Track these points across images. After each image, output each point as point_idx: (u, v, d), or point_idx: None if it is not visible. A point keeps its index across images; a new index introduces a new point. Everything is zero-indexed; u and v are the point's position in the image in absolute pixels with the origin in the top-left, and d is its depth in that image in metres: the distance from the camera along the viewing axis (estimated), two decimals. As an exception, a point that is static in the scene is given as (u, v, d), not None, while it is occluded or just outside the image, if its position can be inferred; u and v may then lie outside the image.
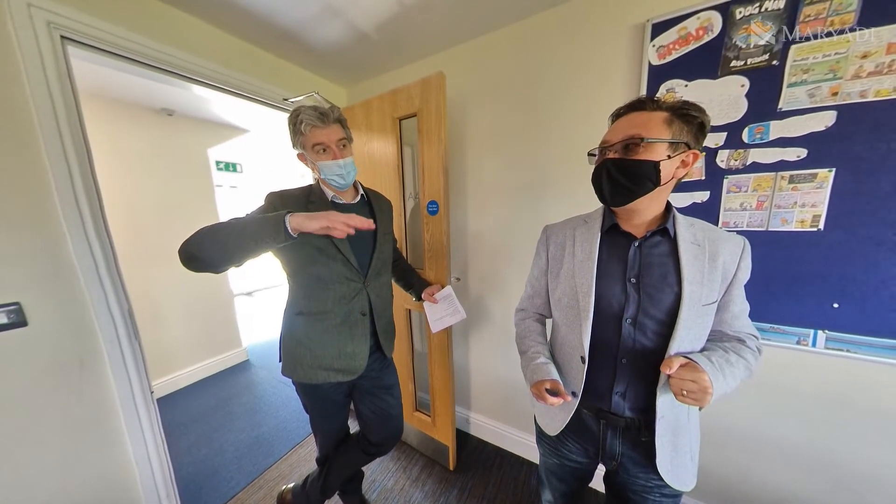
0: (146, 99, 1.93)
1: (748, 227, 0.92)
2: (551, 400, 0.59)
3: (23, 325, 0.84)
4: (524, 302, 0.81)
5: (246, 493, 1.38)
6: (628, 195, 0.56)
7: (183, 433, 1.77)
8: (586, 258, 0.64)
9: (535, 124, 1.23)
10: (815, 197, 0.84)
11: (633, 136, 0.53)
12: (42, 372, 0.88)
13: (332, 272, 0.86)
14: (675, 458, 0.60)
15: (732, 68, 0.88)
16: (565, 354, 0.68)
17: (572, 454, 0.72)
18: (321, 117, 0.80)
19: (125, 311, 1.02)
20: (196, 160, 2.31)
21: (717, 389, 0.50)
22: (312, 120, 0.79)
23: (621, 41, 1.03)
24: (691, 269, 0.56)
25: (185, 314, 2.25)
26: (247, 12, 1.11)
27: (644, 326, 0.59)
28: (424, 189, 1.29)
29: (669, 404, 0.58)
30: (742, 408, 1.01)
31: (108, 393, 0.99)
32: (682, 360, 0.53)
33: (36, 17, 0.82)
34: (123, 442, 1.03)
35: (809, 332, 0.89)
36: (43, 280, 0.87)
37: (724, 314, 0.60)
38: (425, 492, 1.36)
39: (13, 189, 0.82)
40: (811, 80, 0.80)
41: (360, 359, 0.91)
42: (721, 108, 0.91)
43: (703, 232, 0.60)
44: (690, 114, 0.53)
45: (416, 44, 1.34)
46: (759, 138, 0.88)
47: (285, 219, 0.63)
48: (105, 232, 0.97)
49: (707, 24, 0.89)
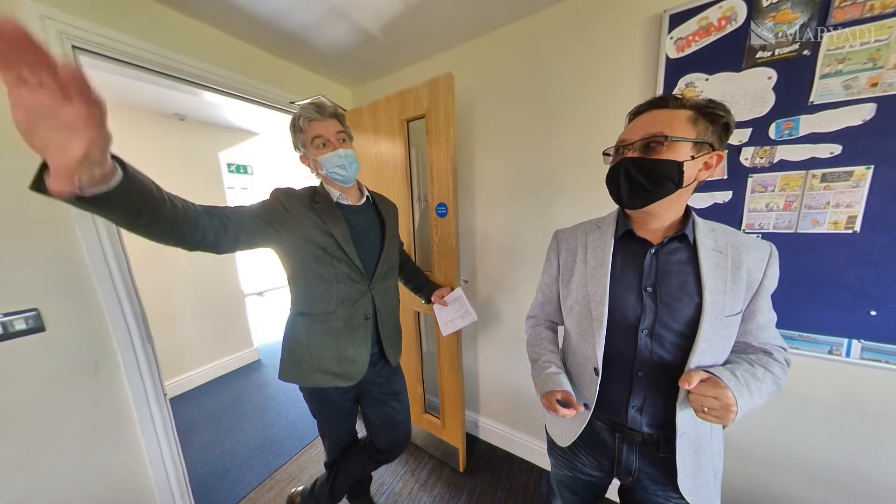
0: (158, 104, 1.97)
1: (775, 230, 0.86)
2: (563, 411, 0.57)
3: (41, 330, 0.86)
4: (535, 309, 0.79)
5: (257, 493, 1.40)
6: (647, 197, 0.53)
7: (196, 432, 1.82)
8: (599, 265, 0.61)
9: (544, 123, 1.19)
10: (850, 196, 0.78)
11: (655, 134, 0.50)
12: (60, 375, 0.90)
13: (336, 272, 0.84)
14: (698, 476, 0.57)
15: (758, 60, 0.83)
16: (578, 365, 0.65)
17: (586, 467, 0.69)
18: (318, 109, 0.81)
19: (138, 315, 1.04)
20: (208, 163, 2.36)
21: (742, 406, 0.47)
22: (310, 113, 0.80)
23: (636, 34, 0.98)
24: (713, 278, 0.53)
25: (197, 314, 2.30)
26: (254, 17, 1.11)
27: (662, 338, 0.55)
28: (433, 191, 1.27)
29: (690, 421, 0.55)
30: (767, 420, 0.96)
31: (122, 395, 1.02)
32: (702, 374, 0.50)
33: (49, 29, 0.84)
34: (138, 442, 1.06)
35: (843, 340, 0.83)
36: (59, 286, 0.89)
37: (749, 325, 0.56)
38: (434, 496, 1.35)
39: (30, 196, 0.83)
40: (847, 70, 0.74)
41: (361, 364, 0.89)
42: (746, 103, 0.86)
43: (726, 238, 0.56)
44: (717, 113, 0.49)
45: (421, 43, 1.31)
46: (788, 134, 0.82)
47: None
48: (118, 236, 0.99)
49: (730, 13, 0.84)
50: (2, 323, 0.81)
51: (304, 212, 0.81)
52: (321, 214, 0.82)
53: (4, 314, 0.81)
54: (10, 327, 0.82)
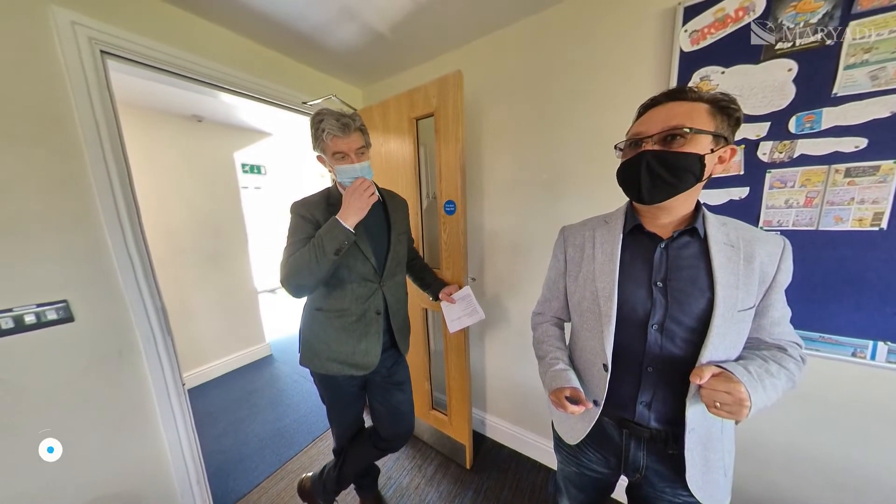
0: (177, 107, 2.05)
1: (794, 227, 0.83)
2: (571, 408, 0.57)
3: (70, 320, 0.91)
4: (541, 305, 0.79)
5: (269, 481, 1.44)
6: (669, 190, 0.52)
7: (212, 422, 1.88)
8: (607, 260, 0.61)
9: (553, 120, 1.18)
10: (876, 192, 0.74)
11: (676, 126, 0.49)
12: (88, 364, 0.95)
13: (351, 272, 0.90)
14: (707, 473, 0.56)
15: (777, 51, 0.80)
16: (586, 361, 0.65)
17: (592, 463, 0.68)
18: (343, 128, 0.81)
19: (159, 308, 1.08)
20: (223, 163, 2.43)
21: (756, 402, 0.46)
22: (334, 130, 0.81)
23: (648, 28, 0.96)
24: (725, 272, 0.52)
25: (213, 310, 2.38)
26: (268, 19, 1.14)
27: (672, 333, 0.55)
28: (441, 188, 1.27)
29: (701, 416, 0.54)
30: (785, 423, 0.93)
31: (144, 384, 1.07)
32: (714, 369, 0.49)
33: (79, 34, 0.88)
34: (158, 430, 1.10)
35: (868, 343, 0.80)
36: (86, 280, 0.94)
37: (763, 320, 0.54)
38: (440, 492, 1.36)
39: (63, 196, 0.89)
40: (874, 60, 0.71)
41: (374, 355, 0.94)
42: (764, 96, 0.83)
43: (737, 231, 0.55)
44: (731, 107, 0.49)
45: (430, 42, 1.32)
46: (809, 128, 0.79)
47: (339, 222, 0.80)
48: (141, 234, 1.03)
49: (748, 3, 0.81)
50: (35, 313, 0.86)
51: (322, 216, 0.87)
52: None
53: (38, 304, 0.86)
54: (43, 317, 0.87)
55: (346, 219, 0.81)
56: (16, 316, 0.83)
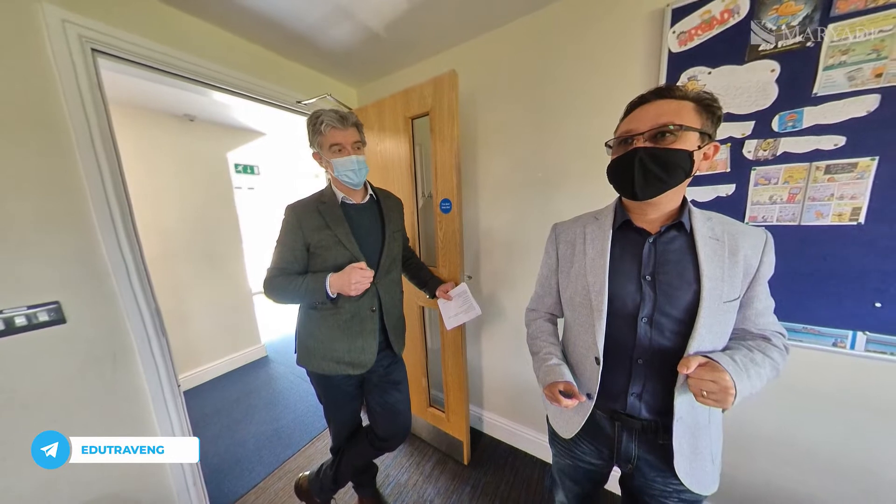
0: (169, 105, 2.02)
1: (778, 222, 0.86)
2: (565, 402, 0.58)
3: (62, 322, 0.90)
4: (534, 302, 0.80)
5: (267, 482, 1.44)
6: (660, 186, 0.53)
7: (208, 424, 1.87)
8: (598, 256, 0.62)
9: (546, 119, 1.20)
10: (854, 188, 0.78)
11: (665, 123, 0.50)
12: (82, 366, 0.94)
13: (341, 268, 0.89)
14: (695, 460, 0.58)
15: (761, 52, 0.83)
16: (578, 355, 0.66)
17: (586, 455, 0.70)
18: (341, 120, 0.85)
19: (153, 309, 1.07)
20: (216, 163, 2.41)
21: (742, 390, 0.48)
22: (333, 122, 0.84)
23: (638, 29, 0.99)
24: (710, 265, 0.54)
25: (208, 311, 2.35)
26: (261, 17, 1.13)
27: (661, 325, 0.56)
28: (437, 187, 1.28)
29: (688, 405, 0.56)
30: (771, 412, 0.96)
31: (139, 386, 1.06)
32: (700, 359, 0.51)
33: (69, 32, 0.87)
34: (154, 431, 1.10)
35: (848, 333, 0.83)
36: (79, 280, 0.93)
37: (748, 311, 0.57)
38: (438, 488, 1.37)
39: (54, 195, 0.88)
40: (851, 61, 0.74)
41: (370, 353, 0.95)
42: (749, 96, 0.86)
43: (722, 226, 0.57)
44: (714, 105, 0.51)
45: (425, 41, 1.33)
46: (791, 126, 0.82)
47: (326, 287, 0.85)
48: (134, 234, 1.02)
49: (733, 6, 0.84)
50: (26, 314, 0.85)
51: (311, 216, 0.89)
52: (325, 216, 0.89)
53: (28, 306, 0.85)
54: (34, 319, 0.86)
55: (332, 285, 0.84)
56: (6, 318, 0.82)
